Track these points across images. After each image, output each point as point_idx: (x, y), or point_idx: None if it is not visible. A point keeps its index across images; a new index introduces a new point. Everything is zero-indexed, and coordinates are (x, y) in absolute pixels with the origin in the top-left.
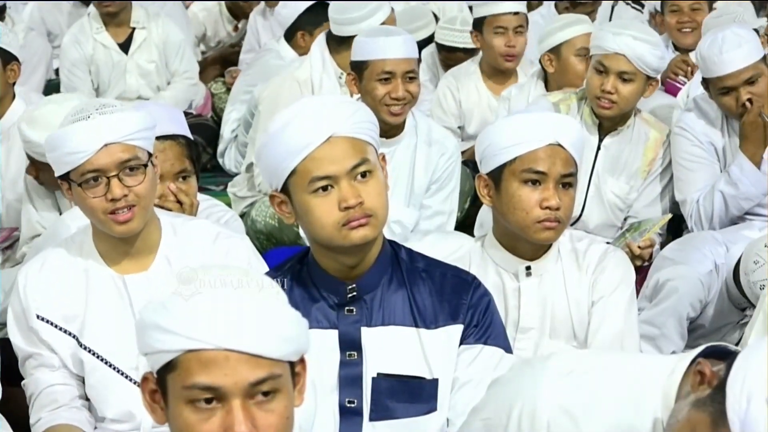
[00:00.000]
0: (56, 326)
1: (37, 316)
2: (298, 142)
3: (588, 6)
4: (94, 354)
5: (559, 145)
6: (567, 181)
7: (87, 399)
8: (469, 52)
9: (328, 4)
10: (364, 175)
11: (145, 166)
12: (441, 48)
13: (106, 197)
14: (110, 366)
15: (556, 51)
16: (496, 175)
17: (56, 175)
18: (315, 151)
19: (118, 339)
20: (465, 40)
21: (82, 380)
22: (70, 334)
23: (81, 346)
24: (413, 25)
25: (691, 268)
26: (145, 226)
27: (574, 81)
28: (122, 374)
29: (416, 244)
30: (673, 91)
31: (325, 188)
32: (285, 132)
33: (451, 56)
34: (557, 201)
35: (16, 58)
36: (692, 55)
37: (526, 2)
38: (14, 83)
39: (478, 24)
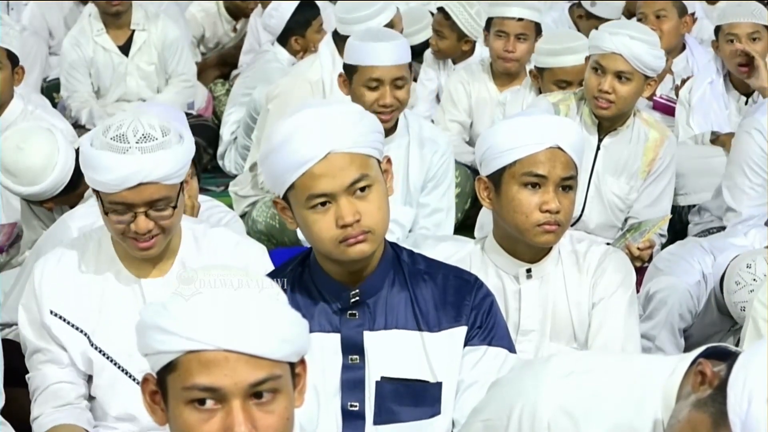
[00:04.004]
0: (69, 323)
1: (51, 312)
2: (297, 159)
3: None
4: (104, 354)
5: (559, 148)
6: (567, 184)
7: (90, 399)
8: (462, 39)
9: (312, 2)
10: (363, 189)
11: (176, 202)
12: (443, 24)
13: (130, 227)
14: (119, 368)
15: (540, 72)
16: (496, 178)
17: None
18: (313, 167)
19: (130, 341)
20: (469, 27)
21: (89, 378)
22: (82, 332)
23: (92, 345)
24: (412, 27)
25: (679, 279)
26: None
27: None
28: (130, 377)
29: (429, 251)
30: (660, 108)
31: (323, 204)
32: (285, 146)
33: (444, 33)
34: (557, 204)
35: (19, 62)
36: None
37: (537, 11)
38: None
39: (488, 24)
